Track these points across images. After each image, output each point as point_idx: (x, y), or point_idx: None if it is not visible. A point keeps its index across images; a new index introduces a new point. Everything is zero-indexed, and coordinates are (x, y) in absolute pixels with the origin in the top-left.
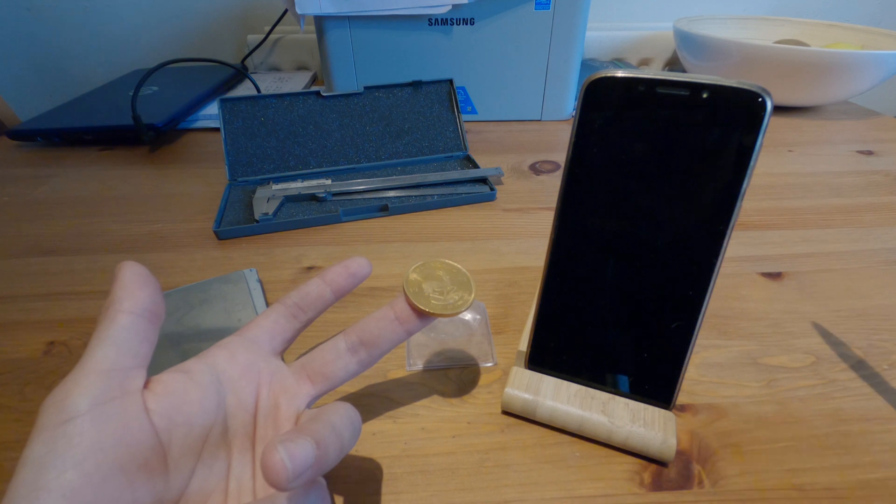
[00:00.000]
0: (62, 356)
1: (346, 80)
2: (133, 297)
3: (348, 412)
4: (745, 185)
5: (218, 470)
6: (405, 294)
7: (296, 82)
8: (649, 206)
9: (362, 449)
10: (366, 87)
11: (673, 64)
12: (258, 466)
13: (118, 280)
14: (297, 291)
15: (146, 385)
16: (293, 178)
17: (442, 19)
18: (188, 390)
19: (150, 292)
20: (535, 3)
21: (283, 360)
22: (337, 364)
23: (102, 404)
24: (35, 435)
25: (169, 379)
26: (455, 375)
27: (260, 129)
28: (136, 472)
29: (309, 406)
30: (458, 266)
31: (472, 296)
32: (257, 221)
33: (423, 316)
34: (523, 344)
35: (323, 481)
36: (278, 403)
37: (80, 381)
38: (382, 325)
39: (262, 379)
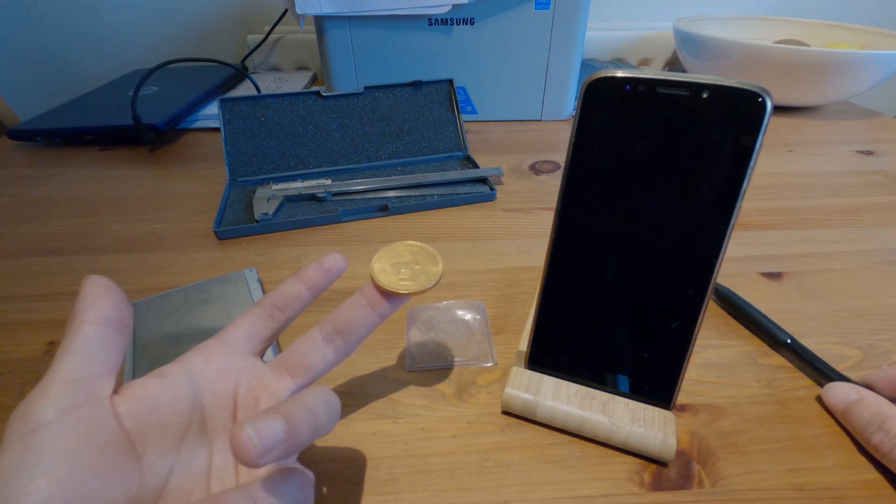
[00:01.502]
0: None
1: (346, 80)
2: (96, 307)
3: (324, 393)
4: (745, 185)
5: (198, 468)
6: (372, 278)
7: (296, 82)
8: (649, 207)
9: (362, 449)
10: (366, 87)
11: (673, 64)
12: (233, 454)
13: (81, 293)
14: (274, 292)
15: (118, 391)
16: (293, 178)
17: (442, 19)
18: (161, 393)
19: (113, 302)
20: (535, 3)
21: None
22: (314, 355)
23: (69, 412)
24: (3, 447)
25: (141, 383)
26: (455, 375)
27: (260, 129)
28: (108, 475)
29: None
30: (424, 245)
31: (440, 268)
32: (257, 221)
33: (392, 297)
34: (523, 344)
35: (310, 474)
36: (258, 399)
37: (46, 391)
38: (355, 312)
39: (240, 378)
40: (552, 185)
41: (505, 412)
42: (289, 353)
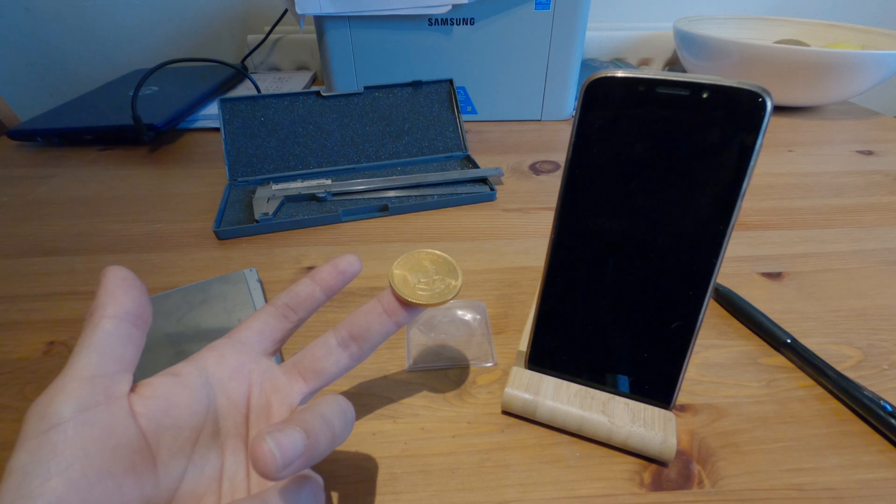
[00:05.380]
0: (62, 356)
1: (346, 80)
2: (117, 301)
3: (339, 403)
4: (745, 185)
5: (210, 471)
6: (391, 286)
7: (296, 82)
8: (649, 206)
9: (362, 449)
10: (366, 87)
11: (673, 64)
12: (252, 465)
13: (102, 285)
14: (287, 292)
15: (134, 389)
16: (293, 178)
17: (442, 19)
18: (177, 393)
19: (134, 296)
20: (535, 3)
21: (282, 357)
22: (328, 360)
23: (86, 410)
24: (20, 444)
25: (157, 382)
26: (455, 375)
27: (260, 129)
28: (123, 476)
29: (302, 403)
30: (444, 255)
31: (459, 282)
32: (257, 221)
33: (410, 307)
34: (523, 344)
35: (319, 479)
36: (270, 402)
37: (64, 389)
38: (371, 319)
39: (252, 379)
40: (552, 185)
41: (505, 412)
42: (302, 356)
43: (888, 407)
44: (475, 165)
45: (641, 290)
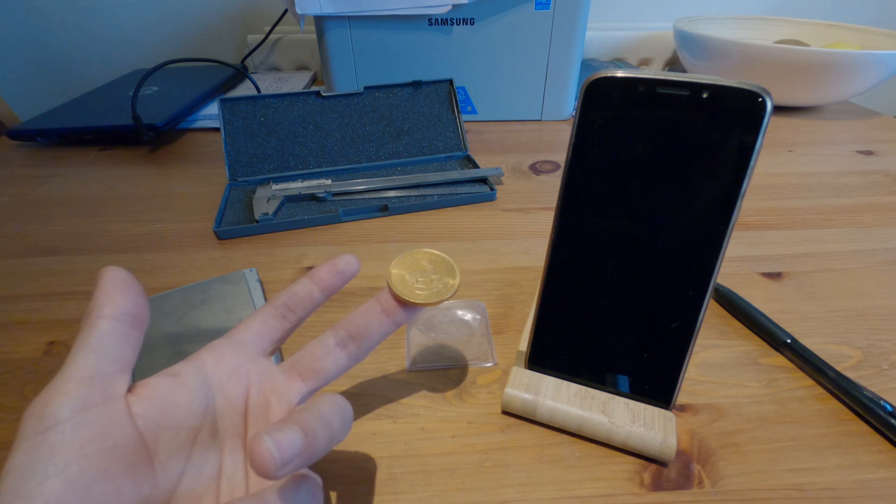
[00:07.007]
0: (62, 356)
1: (346, 80)
2: (114, 302)
3: (337, 402)
4: (745, 185)
5: (209, 471)
6: (389, 286)
7: (296, 82)
8: (649, 206)
9: (362, 449)
10: (366, 87)
11: (673, 64)
12: (250, 465)
13: (99, 286)
14: (286, 292)
15: (132, 389)
16: (293, 178)
17: (442, 19)
18: (175, 393)
19: (132, 297)
20: (535, 3)
21: (282, 357)
22: (327, 359)
23: (84, 411)
24: (17, 444)
25: (155, 383)
26: (455, 375)
27: (260, 129)
28: (120, 476)
29: (301, 403)
30: (442, 254)
31: (457, 281)
32: (257, 221)
33: (408, 307)
34: (523, 344)
35: (318, 478)
36: (269, 402)
37: (61, 389)
38: (370, 318)
39: (251, 379)
40: (552, 185)
41: (505, 412)
42: (300, 356)
43: (888, 407)
44: (475, 165)
45: (641, 290)
